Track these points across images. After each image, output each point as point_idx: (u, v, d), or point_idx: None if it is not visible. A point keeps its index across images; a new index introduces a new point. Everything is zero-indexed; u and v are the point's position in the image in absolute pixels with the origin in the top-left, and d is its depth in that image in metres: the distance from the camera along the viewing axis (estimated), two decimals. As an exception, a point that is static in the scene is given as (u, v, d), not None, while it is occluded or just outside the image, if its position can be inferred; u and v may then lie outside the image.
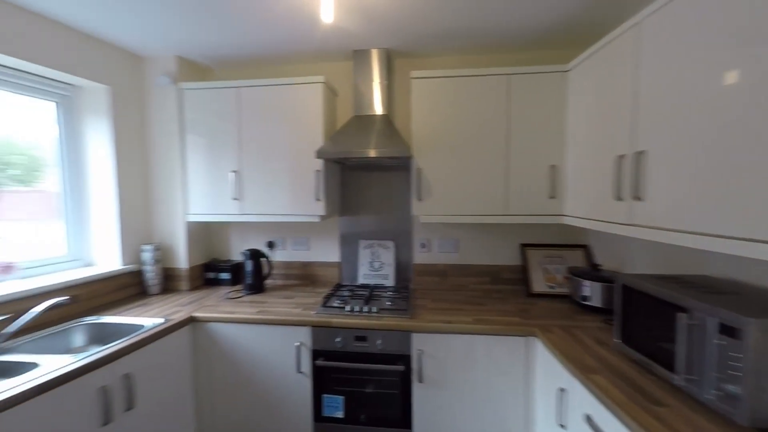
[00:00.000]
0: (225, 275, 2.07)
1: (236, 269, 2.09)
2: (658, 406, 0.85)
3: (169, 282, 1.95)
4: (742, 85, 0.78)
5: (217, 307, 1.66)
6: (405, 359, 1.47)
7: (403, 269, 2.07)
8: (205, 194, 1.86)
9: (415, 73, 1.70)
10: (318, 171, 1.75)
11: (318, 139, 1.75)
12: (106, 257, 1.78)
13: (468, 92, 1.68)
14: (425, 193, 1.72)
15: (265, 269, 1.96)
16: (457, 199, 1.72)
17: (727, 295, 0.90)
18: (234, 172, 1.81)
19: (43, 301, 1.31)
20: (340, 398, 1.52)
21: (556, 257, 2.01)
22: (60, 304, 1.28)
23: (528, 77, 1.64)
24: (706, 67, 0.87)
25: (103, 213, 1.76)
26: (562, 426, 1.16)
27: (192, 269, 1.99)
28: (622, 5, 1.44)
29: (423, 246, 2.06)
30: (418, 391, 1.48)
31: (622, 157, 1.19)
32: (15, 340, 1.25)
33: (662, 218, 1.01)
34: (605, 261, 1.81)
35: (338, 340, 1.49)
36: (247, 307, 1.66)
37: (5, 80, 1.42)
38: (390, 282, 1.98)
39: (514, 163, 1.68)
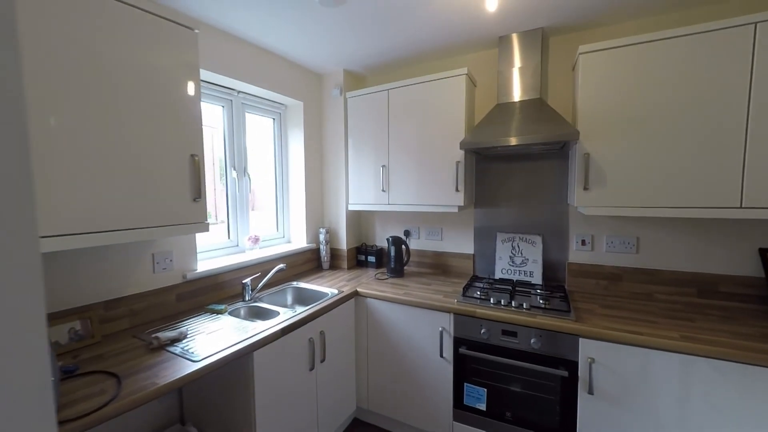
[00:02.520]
0: (371, 258, 2.37)
1: (379, 253, 2.36)
2: None
3: (334, 260, 2.41)
4: None
5: (370, 284, 1.91)
6: (570, 365, 1.27)
7: (552, 267, 1.80)
8: (361, 186, 2.18)
9: (584, 47, 1.44)
10: (458, 162, 1.76)
11: (460, 131, 1.76)
12: (298, 236, 2.36)
13: (667, 59, 1.29)
14: (595, 181, 1.44)
15: (405, 256, 2.12)
16: (642, 188, 1.36)
17: None
18: (383, 166, 2.05)
19: (271, 267, 1.87)
20: (483, 390, 1.46)
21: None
22: (281, 269, 1.79)
23: None
24: None
25: (297, 202, 2.34)
26: None
27: (349, 251, 2.39)
28: None
29: (583, 243, 1.73)
30: (585, 403, 1.26)
31: None
32: (261, 293, 1.81)
33: None
34: None
35: (483, 331, 1.44)
36: (393, 288, 1.84)
37: (250, 105, 2.05)
38: (536, 280, 1.76)
39: (761, 138, 1.17)
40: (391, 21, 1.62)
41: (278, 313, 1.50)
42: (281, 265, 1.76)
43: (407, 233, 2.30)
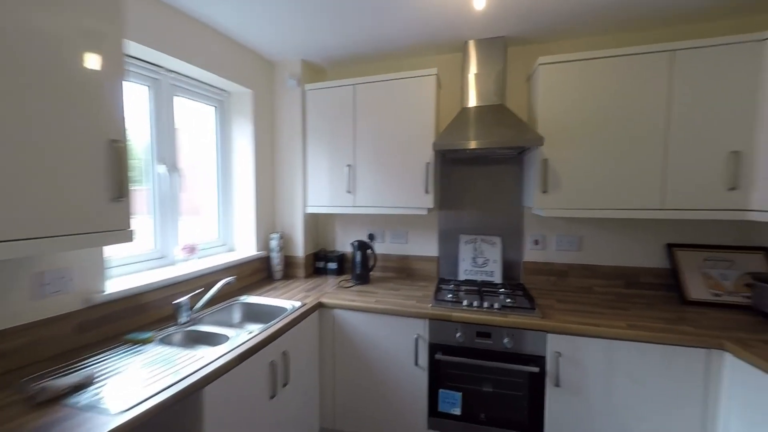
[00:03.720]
0: (332, 264, 2.20)
1: (341, 259, 2.21)
2: None
3: (288, 269, 2.17)
4: None
5: (335, 294, 1.76)
6: (539, 361, 1.33)
7: (510, 267, 1.91)
8: (323, 187, 2.01)
9: (543, 59, 1.55)
10: (428, 163, 1.73)
11: (429, 132, 1.74)
12: (244, 243, 2.05)
13: (611, 75, 1.46)
14: (552, 185, 1.55)
15: (371, 261, 2.02)
16: (590, 192, 1.51)
17: None
18: (348, 166, 1.91)
19: (211, 281, 1.56)
20: (458, 394, 1.44)
21: (721, 261, 1.61)
22: (229, 282, 1.50)
23: (700, 52, 1.35)
24: None
25: (244, 204, 2.04)
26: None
27: (307, 258, 2.17)
28: None
29: (536, 243, 1.86)
30: (552, 396, 1.34)
31: None
32: (201, 313, 1.49)
33: None
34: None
35: (459, 335, 1.43)
36: (361, 296, 1.72)
37: (183, 87, 1.69)
38: (497, 279, 1.84)
39: (677, 150, 1.40)
40: (358, 13, 1.52)
41: (227, 337, 1.26)
42: (229, 278, 1.50)
43: (372, 237, 2.20)
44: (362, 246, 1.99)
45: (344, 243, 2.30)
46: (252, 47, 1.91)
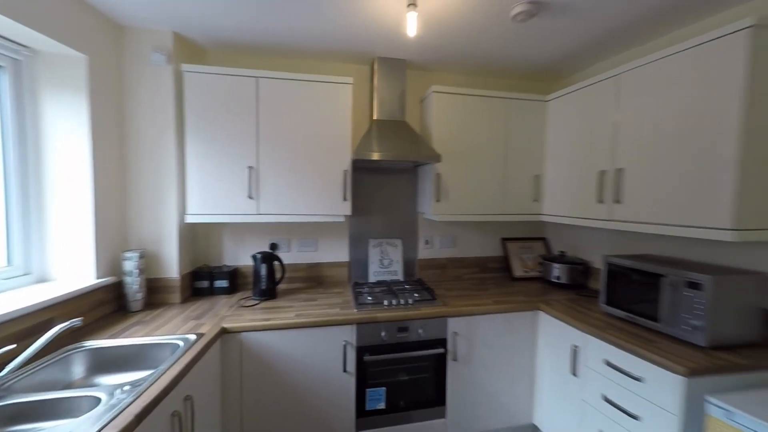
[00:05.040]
0: (222, 282, 1.83)
1: (233, 275, 1.87)
2: (654, 343, 1.23)
3: (155, 294, 1.63)
4: (684, 123, 1.21)
5: (239, 316, 1.49)
6: (443, 342, 1.63)
7: (408, 265, 2.21)
8: (212, 192, 1.64)
9: (436, 88, 1.87)
10: (346, 171, 1.74)
11: (346, 140, 1.75)
12: (73, 269, 1.38)
13: (478, 109, 1.95)
14: (443, 195, 1.91)
15: (278, 273, 1.82)
16: (466, 201, 1.96)
17: (676, 264, 1.36)
18: (250, 168, 1.64)
19: (21, 326, 0.98)
20: (383, 389, 1.57)
21: (526, 248, 2.47)
22: (73, 326, 0.98)
23: (520, 102, 2.00)
24: (667, 109, 1.30)
25: (69, 215, 1.38)
26: (574, 374, 1.51)
27: (183, 278, 1.70)
28: (590, 58, 1.92)
29: (427, 243, 2.24)
30: (452, 370, 1.66)
31: (603, 172, 1.61)
32: (14, 376, 0.94)
33: (633, 216, 1.45)
34: (561, 249, 2.32)
35: (384, 333, 1.54)
36: (273, 313, 1.54)
37: None
38: (400, 277, 2.09)
39: (510, 171, 2.02)
40: None
41: (97, 398, 0.86)
42: (70, 322, 1.00)
43: (274, 246, 1.98)
44: (268, 258, 1.76)
45: (237, 256, 1.96)
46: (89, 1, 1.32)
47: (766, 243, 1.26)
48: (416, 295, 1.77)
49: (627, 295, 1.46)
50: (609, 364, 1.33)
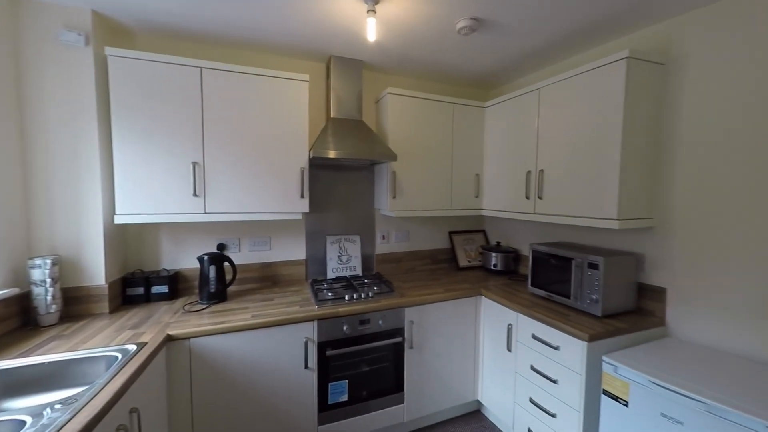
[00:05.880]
0: (160, 288, 1.66)
1: (173, 280, 1.71)
2: (567, 317, 1.53)
3: (75, 306, 1.41)
4: (585, 128, 1.52)
5: (187, 321, 1.39)
6: (401, 332, 1.75)
7: (366, 260, 2.29)
8: (146, 190, 1.47)
9: (391, 90, 1.96)
10: (303, 168, 1.72)
11: (303, 137, 1.73)
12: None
13: (429, 112, 2.09)
14: (399, 192, 2.02)
15: (229, 275, 1.73)
16: (419, 198, 2.11)
17: (583, 249, 1.70)
18: (194, 164, 1.51)
19: None
20: (345, 382, 1.63)
21: (469, 240, 2.75)
22: None
23: (464, 107, 2.21)
24: (573, 120, 1.60)
25: None
26: (509, 350, 1.77)
27: (112, 286, 1.50)
28: (520, 71, 2.21)
29: (383, 238, 2.35)
30: (409, 357, 1.79)
31: (529, 172, 1.90)
32: None
33: (551, 209, 1.75)
34: (497, 239, 2.66)
35: (345, 327, 1.59)
36: (226, 316, 1.47)
37: None
38: (359, 272, 2.16)
39: (456, 170, 2.23)
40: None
41: (24, 423, 0.75)
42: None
43: (222, 247, 1.86)
44: (216, 259, 1.66)
45: (178, 259, 1.80)
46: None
47: (638, 230, 1.65)
48: (376, 288, 1.85)
49: (547, 277, 1.76)
50: (535, 338, 1.60)
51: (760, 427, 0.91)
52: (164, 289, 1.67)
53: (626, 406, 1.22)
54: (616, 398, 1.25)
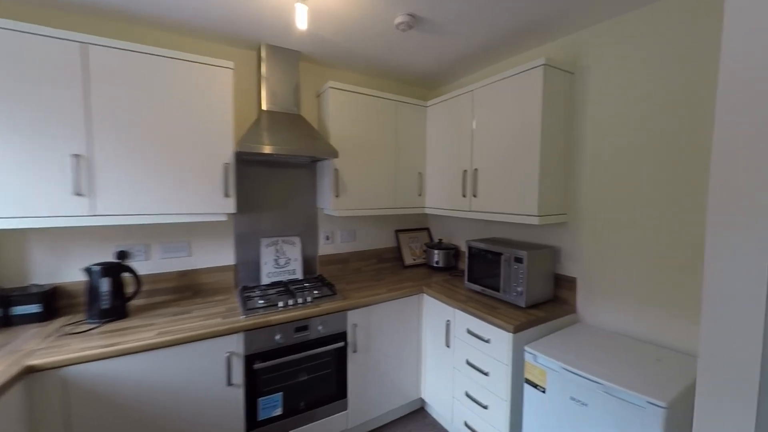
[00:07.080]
0: (30, 308, 1.34)
1: (49, 297, 1.41)
2: (497, 309, 1.62)
3: None
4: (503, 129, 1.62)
5: (65, 346, 1.13)
6: (343, 336, 1.67)
7: (308, 262, 2.17)
8: (4, 187, 1.16)
9: (333, 84, 1.86)
10: (227, 164, 1.55)
11: (227, 130, 1.54)
12: None
13: (372, 108, 2.04)
14: (342, 190, 1.94)
15: (132, 287, 1.48)
16: (364, 196, 2.05)
17: (511, 244, 1.82)
18: (76, 156, 1.25)
19: None
20: (279, 395, 1.51)
21: (414, 237, 2.79)
22: None
23: (407, 105, 2.21)
24: (501, 121, 1.69)
25: None
26: (447, 346, 1.82)
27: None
28: (457, 72, 2.28)
29: (327, 238, 2.25)
30: (352, 361, 1.72)
31: (465, 171, 1.97)
32: None
33: (485, 207, 1.84)
34: (440, 237, 2.75)
35: (278, 336, 1.47)
36: (122, 335, 1.23)
37: None
38: (299, 276, 2.03)
39: (400, 168, 2.23)
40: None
41: None
42: None
43: (123, 255, 1.59)
44: (111, 269, 1.40)
45: (57, 271, 1.48)
46: None
47: (556, 225, 1.79)
48: (316, 292, 1.75)
49: (482, 272, 1.85)
50: (469, 332, 1.66)
51: (642, 402, 1.05)
52: (34, 308, 1.34)
53: (544, 392, 1.32)
54: (535, 386, 1.35)
